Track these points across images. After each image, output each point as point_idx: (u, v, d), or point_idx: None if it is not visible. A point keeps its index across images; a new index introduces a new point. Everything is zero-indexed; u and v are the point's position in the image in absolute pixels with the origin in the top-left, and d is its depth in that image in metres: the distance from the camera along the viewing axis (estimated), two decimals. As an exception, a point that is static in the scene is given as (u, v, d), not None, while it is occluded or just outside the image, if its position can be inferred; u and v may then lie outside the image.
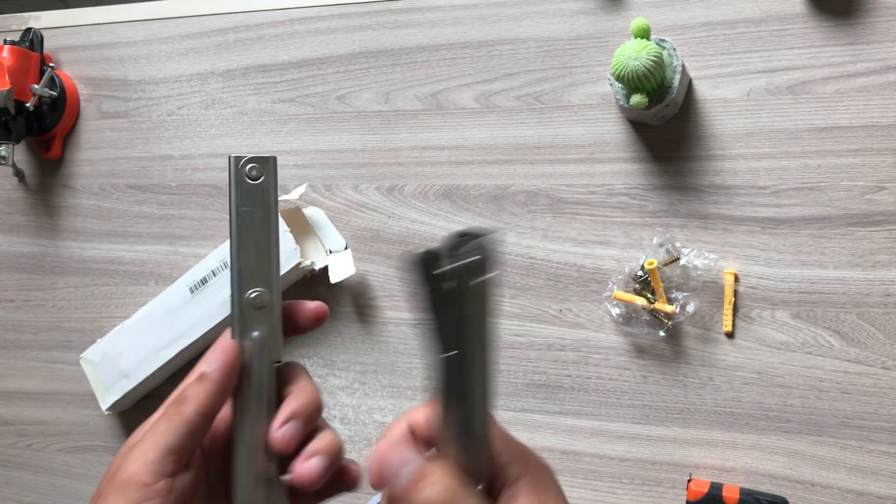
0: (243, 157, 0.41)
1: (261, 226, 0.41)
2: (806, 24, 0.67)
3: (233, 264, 0.41)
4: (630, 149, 0.71)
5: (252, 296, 0.41)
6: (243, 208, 0.41)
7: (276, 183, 0.42)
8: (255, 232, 0.41)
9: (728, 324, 0.68)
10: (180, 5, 0.87)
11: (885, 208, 0.65)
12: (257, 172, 0.41)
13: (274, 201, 0.41)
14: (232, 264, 0.42)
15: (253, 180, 0.41)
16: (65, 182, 0.91)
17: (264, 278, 0.42)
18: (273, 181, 0.41)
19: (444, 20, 0.77)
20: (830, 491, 0.66)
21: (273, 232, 0.42)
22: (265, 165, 0.41)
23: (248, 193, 0.41)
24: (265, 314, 0.41)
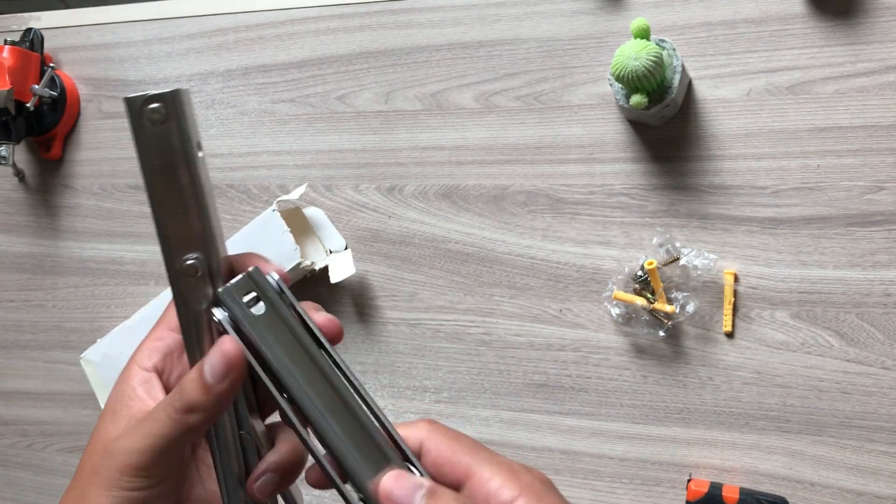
0: (141, 97, 0.33)
1: (178, 179, 0.34)
2: (806, 24, 0.67)
3: (158, 232, 0.35)
4: (630, 149, 0.71)
5: (186, 263, 0.36)
6: (153, 162, 0.34)
7: (188, 122, 0.34)
8: (172, 188, 0.34)
9: (728, 324, 0.68)
10: (180, 5, 0.87)
11: (884, 208, 0.65)
12: (161, 115, 0.33)
13: (189, 146, 0.34)
14: (158, 232, 0.35)
15: (157, 124, 0.33)
16: (65, 182, 0.91)
17: (196, 242, 0.36)
18: (184, 121, 0.34)
19: (444, 20, 0.77)
20: (830, 491, 0.66)
21: (197, 184, 0.35)
22: (171, 104, 0.33)
23: (156, 142, 0.33)
24: (202, 283, 0.36)
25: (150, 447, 0.36)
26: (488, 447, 0.38)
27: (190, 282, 0.36)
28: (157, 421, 0.36)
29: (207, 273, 0.36)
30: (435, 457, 0.36)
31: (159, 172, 0.34)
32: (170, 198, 0.34)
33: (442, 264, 0.77)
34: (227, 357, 0.35)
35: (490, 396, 0.75)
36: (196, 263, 0.35)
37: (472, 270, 0.76)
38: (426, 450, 0.37)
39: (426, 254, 0.77)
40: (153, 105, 0.33)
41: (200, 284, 0.36)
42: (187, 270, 0.35)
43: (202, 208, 0.35)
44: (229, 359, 0.35)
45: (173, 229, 0.35)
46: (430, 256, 0.77)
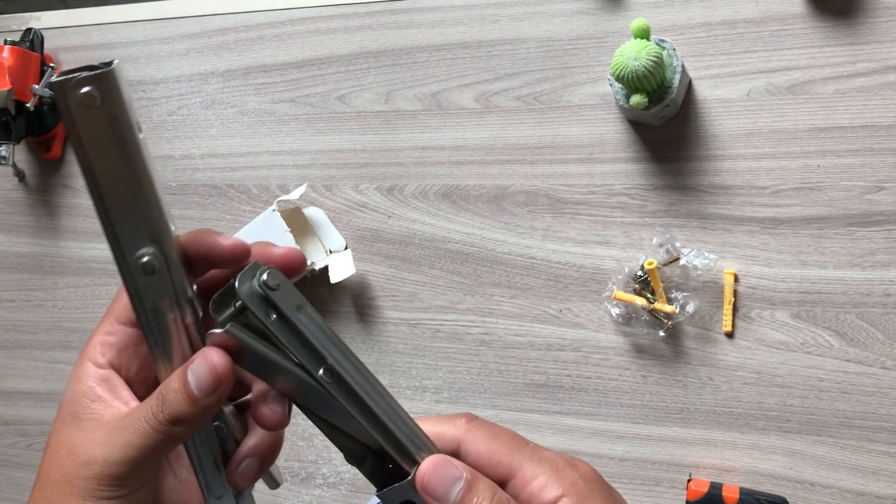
0: (70, 80, 0.29)
1: (119, 167, 0.31)
2: (806, 24, 0.67)
3: (104, 228, 0.32)
4: (630, 149, 0.71)
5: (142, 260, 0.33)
6: (90, 150, 0.31)
7: (125, 103, 0.31)
8: (114, 177, 0.31)
9: (728, 324, 0.68)
10: (180, 5, 0.87)
11: (884, 208, 0.65)
12: (95, 99, 0.30)
13: (129, 130, 0.31)
14: (104, 228, 0.32)
15: (91, 109, 0.30)
16: (65, 182, 0.91)
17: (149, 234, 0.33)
18: (120, 102, 0.30)
19: (444, 20, 0.77)
20: (830, 491, 0.66)
21: (142, 170, 0.32)
22: (105, 86, 0.30)
23: (91, 129, 0.30)
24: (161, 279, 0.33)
25: (130, 458, 0.34)
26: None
27: (147, 279, 0.33)
28: (137, 431, 0.34)
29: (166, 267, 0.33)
30: (474, 459, 0.36)
31: (98, 161, 0.31)
32: (113, 188, 0.31)
33: (442, 264, 0.77)
34: (216, 372, 0.34)
35: (490, 396, 0.75)
36: (152, 260, 0.33)
37: (472, 270, 0.76)
38: (465, 451, 0.36)
39: (426, 254, 0.77)
40: (85, 89, 0.29)
41: (158, 280, 0.33)
42: (144, 268, 0.33)
43: (150, 196, 0.32)
44: (218, 373, 0.34)
45: (121, 223, 0.32)
46: (430, 256, 0.77)
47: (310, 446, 0.80)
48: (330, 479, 0.79)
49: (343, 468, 0.79)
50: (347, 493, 0.79)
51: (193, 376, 0.34)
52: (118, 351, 0.37)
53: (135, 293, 0.34)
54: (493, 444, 0.36)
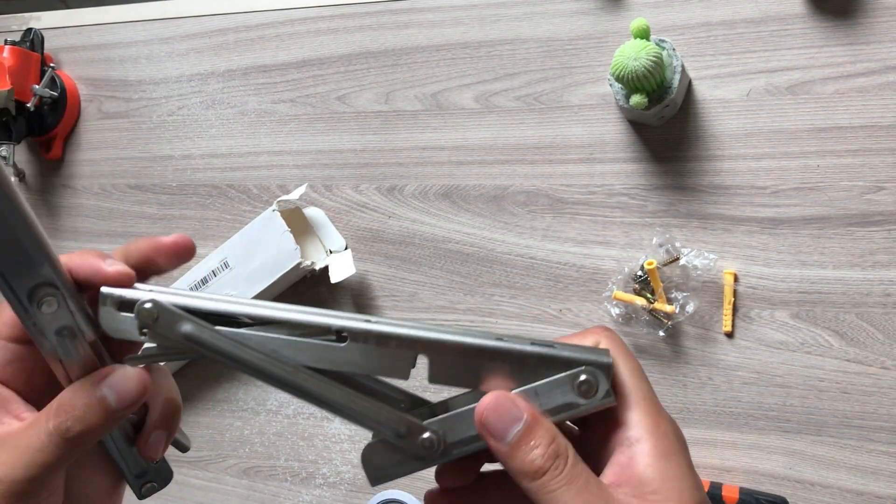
0: None
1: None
2: (805, 24, 0.67)
3: None
4: (630, 149, 0.71)
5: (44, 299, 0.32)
6: None
7: None
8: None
9: (728, 324, 0.68)
10: (180, 5, 0.87)
11: (884, 208, 0.65)
12: None
13: None
14: None
15: None
16: (65, 182, 0.91)
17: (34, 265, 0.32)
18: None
19: (444, 20, 0.77)
20: (830, 490, 0.66)
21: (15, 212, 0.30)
22: None
23: None
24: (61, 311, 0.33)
25: (35, 476, 0.33)
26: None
27: (46, 314, 0.33)
28: (40, 449, 0.33)
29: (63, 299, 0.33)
30: None
31: None
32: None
33: (442, 264, 0.77)
34: (143, 382, 0.34)
35: (490, 396, 0.75)
36: (53, 296, 0.32)
37: (472, 270, 0.76)
38: None
39: (426, 254, 0.77)
40: None
41: (58, 313, 0.33)
42: (44, 304, 0.32)
43: (29, 236, 0.31)
44: (145, 383, 0.34)
45: (8, 269, 0.31)
46: (430, 256, 0.77)
47: (310, 446, 0.80)
48: (330, 479, 0.79)
49: (343, 468, 0.79)
50: (347, 493, 0.79)
51: (115, 392, 0.34)
52: (3, 367, 0.36)
53: (34, 328, 0.33)
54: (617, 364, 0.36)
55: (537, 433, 0.33)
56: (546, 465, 0.33)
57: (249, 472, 0.82)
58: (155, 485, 0.41)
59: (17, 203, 0.30)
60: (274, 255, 0.76)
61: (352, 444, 0.79)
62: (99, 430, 0.34)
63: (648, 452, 0.33)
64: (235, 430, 0.83)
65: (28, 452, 0.34)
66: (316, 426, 0.80)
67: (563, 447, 0.33)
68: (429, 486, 0.38)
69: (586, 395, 0.34)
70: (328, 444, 0.79)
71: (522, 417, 0.33)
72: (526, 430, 0.33)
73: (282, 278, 0.76)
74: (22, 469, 0.33)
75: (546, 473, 0.33)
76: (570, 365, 0.34)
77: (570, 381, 0.34)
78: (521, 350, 0.34)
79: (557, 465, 0.33)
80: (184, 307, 0.35)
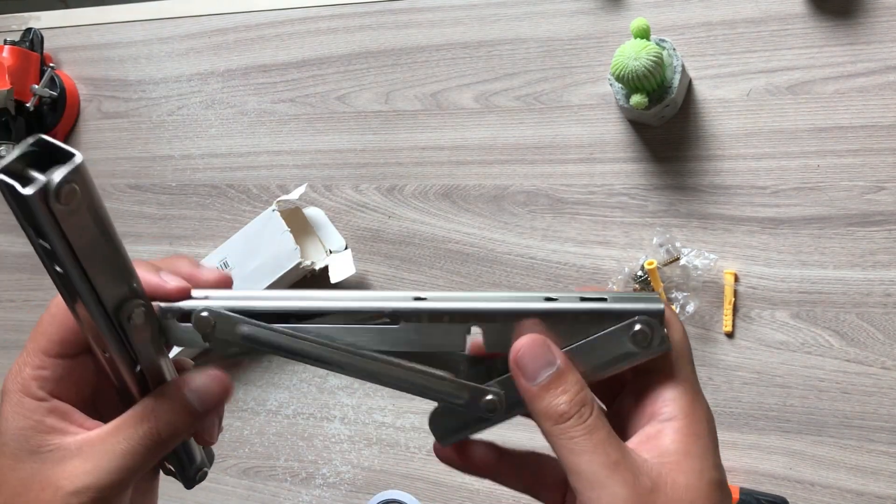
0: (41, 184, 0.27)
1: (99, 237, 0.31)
2: (806, 24, 0.67)
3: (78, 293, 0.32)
4: (630, 149, 0.71)
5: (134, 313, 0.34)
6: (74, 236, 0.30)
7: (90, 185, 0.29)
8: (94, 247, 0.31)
9: (728, 324, 0.68)
10: (180, 5, 0.87)
11: (884, 208, 0.65)
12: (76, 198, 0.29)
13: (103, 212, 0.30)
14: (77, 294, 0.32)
15: (67, 204, 0.28)
16: (65, 182, 0.91)
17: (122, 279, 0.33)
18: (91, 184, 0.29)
19: (444, 20, 0.77)
20: (830, 491, 0.66)
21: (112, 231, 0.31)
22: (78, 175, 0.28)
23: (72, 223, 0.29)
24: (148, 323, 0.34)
25: (120, 480, 0.35)
26: (504, 443, 0.38)
27: (138, 324, 0.34)
28: (124, 454, 0.35)
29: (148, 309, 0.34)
30: None
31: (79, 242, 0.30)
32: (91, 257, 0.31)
33: (442, 264, 0.77)
34: (223, 386, 0.36)
35: (490, 396, 0.75)
36: (142, 308, 0.34)
37: (472, 270, 0.76)
38: None
39: (426, 254, 0.77)
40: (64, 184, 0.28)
41: (146, 324, 0.34)
42: (134, 316, 0.34)
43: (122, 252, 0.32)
44: (225, 386, 0.36)
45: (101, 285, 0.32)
46: (430, 256, 0.77)
47: (310, 446, 0.80)
48: (330, 479, 0.79)
49: (343, 468, 0.79)
50: (347, 493, 0.79)
51: (195, 394, 0.36)
52: (55, 383, 0.36)
53: (126, 346, 0.35)
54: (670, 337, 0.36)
55: (568, 380, 0.34)
56: (571, 412, 0.33)
57: (249, 472, 0.82)
58: (206, 469, 0.42)
59: (108, 217, 0.31)
60: (274, 255, 0.76)
61: (351, 445, 0.79)
62: (185, 432, 0.36)
63: (678, 429, 0.34)
64: (235, 431, 0.82)
65: (116, 458, 0.35)
66: (316, 426, 0.80)
67: (589, 399, 0.34)
68: (429, 486, 0.38)
69: (641, 343, 0.35)
70: (328, 444, 0.79)
71: (556, 363, 0.34)
72: (557, 375, 0.34)
73: (281, 278, 0.76)
74: (107, 475, 0.34)
75: (570, 420, 0.33)
76: (623, 316, 0.35)
77: (625, 332, 0.35)
78: (573, 309, 0.35)
79: (582, 413, 0.33)
80: (236, 309, 0.36)
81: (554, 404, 0.34)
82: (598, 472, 0.32)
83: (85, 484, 0.34)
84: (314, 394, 0.80)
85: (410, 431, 0.77)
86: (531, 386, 0.34)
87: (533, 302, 0.35)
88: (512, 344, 0.35)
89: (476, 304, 0.35)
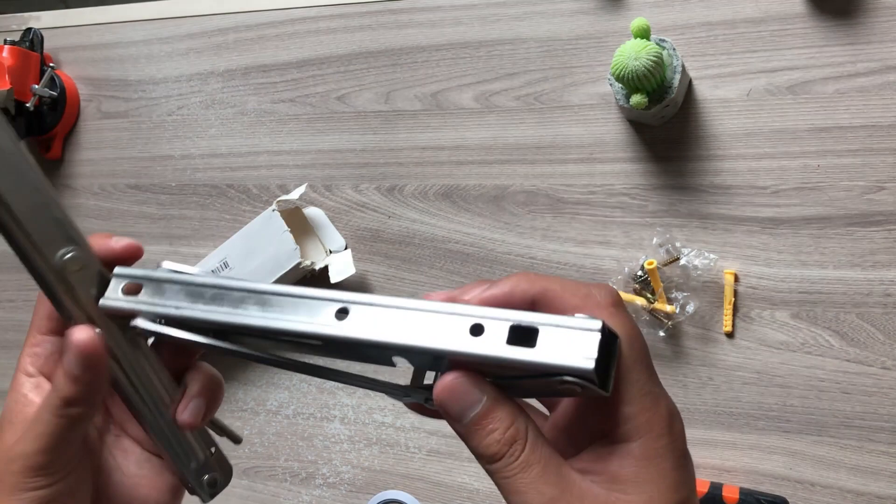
0: None
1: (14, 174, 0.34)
2: (806, 24, 0.67)
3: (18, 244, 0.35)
4: (630, 149, 0.71)
5: (66, 258, 0.36)
6: None
7: None
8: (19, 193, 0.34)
9: (728, 324, 0.68)
10: (180, 5, 0.87)
11: (885, 208, 0.65)
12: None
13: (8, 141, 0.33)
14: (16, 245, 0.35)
15: None
16: (65, 182, 0.91)
17: (64, 234, 0.35)
18: None
19: (444, 20, 0.77)
20: (830, 491, 0.66)
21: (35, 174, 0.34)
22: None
23: None
24: (86, 275, 0.36)
25: (43, 447, 0.36)
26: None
27: (74, 275, 0.36)
28: (42, 421, 0.37)
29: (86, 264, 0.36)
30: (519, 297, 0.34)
31: None
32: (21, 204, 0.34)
33: (442, 264, 0.77)
34: (79, 349, 0.36)
35: (490, 396, 0.75)
36: (76, 254, 0.35)
37: (472, 270, 0.76)
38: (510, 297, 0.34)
39: (426, 254, 0.77)
40: None
41: (84, 276, 0.36)
42: (68, 265, 0.35)
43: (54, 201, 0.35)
44: (81, 350, 0.36)
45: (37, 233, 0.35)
46: (430, 256, 0.77)
47: (309, 446, 0.80)
48: (330, 479, 0.79)
49: (343, 468, 0.79)
50: (347, 493, 0.79)
51: (67, 359, 0.37)
52: (44, 360, 0.39)
53: (66, 293, 0.36)
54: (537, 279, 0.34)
55: (495, 417, 0.32)
56: (502, 451, 0.32)
57: (249, 472, 0.82)
58: (217, 476, 0.42)
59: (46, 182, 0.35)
60: (274, 255, 0.76)
61: (351, 445, 0.79)
62: (76, 398, 0.36)
63: (629, 452, 0.32)
64: (235, 430, 0.82)
65: (35, 425, 0.37)
66: (315, 426, 0.80)
67: (521, 432, 0.32)
68: (429, 486, 0.38)
69: (573, 393, 0.32)
70: (328, 444, 0.79)
71: (481, 401, 0.32)
72: (483, 414, 0.32)
73: (281, 278, 0.76)
74: (31, 442, 0.37)
75: (501, 459, 0.32)
76: (552, 373, 0.31)
77: (556, 382, 0.32)
78: (496, 358, 0.32)
79: (514, 450, 0.32)
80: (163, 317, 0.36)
81: (484, 445, 0.32)
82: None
83: (16, 452, 0.37)
84: (314, 394, 0.80)
85: (410, 431, 0.77)
86: (459, 426, 0.33)
87: (457, 337, 0.32)
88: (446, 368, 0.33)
89: (396, 336, 0.33)
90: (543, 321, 0.32)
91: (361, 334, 0.34)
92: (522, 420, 0.33)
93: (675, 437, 0.33)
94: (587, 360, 0.31)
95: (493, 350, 0.32)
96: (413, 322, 0.33)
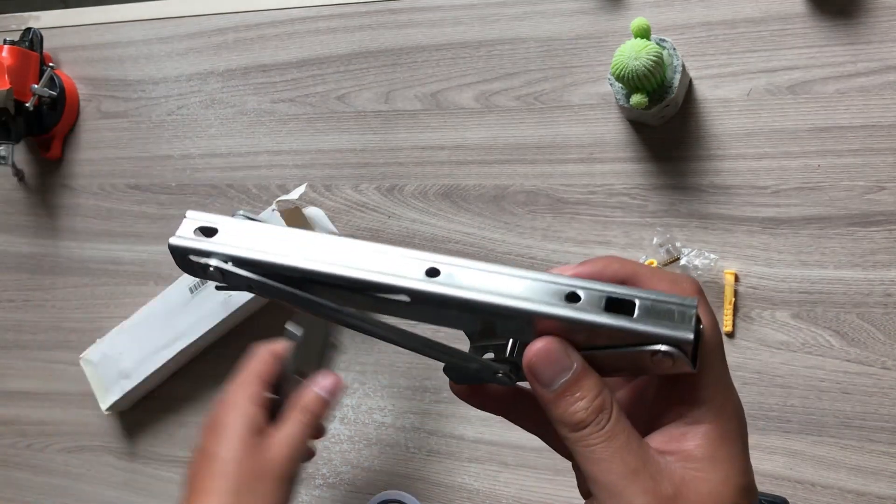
0: None
1: None
2: (806, 24, 0.67)
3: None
4: (630, 149, 0.71)
5: None
6: None
7: None
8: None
9: (728, 324, 0.67)
10: (180, 5, 0.87)
11: (885, 208, 0.65)
12: None
13: None
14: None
15: None
16: (64, 182, 0.91)
17: None
18: None
19: (444, 20, 0.77)
20: (830, 491, 0.66)
21: None
22: None
23: None
24: None
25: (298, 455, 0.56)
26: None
27: None
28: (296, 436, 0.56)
29: None
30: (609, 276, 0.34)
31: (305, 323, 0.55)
32: None
33: (442, 264, 0.76)
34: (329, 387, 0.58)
35: (490, 396, 0.75)
36: None
37: (472, 270, 0.75)
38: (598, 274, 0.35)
39: (426, 254, 0.77)
40: None
41: None
42: None
43: None
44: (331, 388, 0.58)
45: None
46: (430, 256, 0.77)
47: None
48: (330, 479, 0.79)
49: (343, 468, 0.79)
50: (347, 494, 0.79)
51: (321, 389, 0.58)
52: None
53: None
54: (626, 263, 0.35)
55: (584, 385, 0.33)
56: (588, 419, 0.32)
57: (249, 472, 0.82)
58: None
59: None
60: (274, 255, 0.76)
61: (351, 445, 0.79)
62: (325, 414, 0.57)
63: (704, 433, 0.33)
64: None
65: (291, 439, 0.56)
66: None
67: (608, 402, 0.33)
68: (429, 486, 0.38)
69: (663, 366, 0.32)
70: (328, 444, 0.79)
71: (572, 367, 0.33)
72: (573, 381, 0.33)
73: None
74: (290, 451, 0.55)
75: (587, 427, 0.32)
76: (649, 340, 0.31)
77: (647, 353, 0.32)
78: (594, 322, 0.32)
79: (600, 420, 0.32)
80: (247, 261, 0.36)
81: (570, 412, 0.32)
82: (617, 481, 0.32)
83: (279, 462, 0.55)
84: (314, 394, 0.80)
85: (410, 431, 0.77)
86: (546, 392, 0.33)
87: (552, 302, 0.32)
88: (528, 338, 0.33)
89: (489, 297, 0.33)
90: (640, 294, 0.32)
91: (455, 292, 0.33)
92: (608, 392, 0.33)
93: (743, 425, 0.34)
94: (687, 330, 0.31)
95: (591, 316, 0.32)
96: (506, 285, 0.33)
